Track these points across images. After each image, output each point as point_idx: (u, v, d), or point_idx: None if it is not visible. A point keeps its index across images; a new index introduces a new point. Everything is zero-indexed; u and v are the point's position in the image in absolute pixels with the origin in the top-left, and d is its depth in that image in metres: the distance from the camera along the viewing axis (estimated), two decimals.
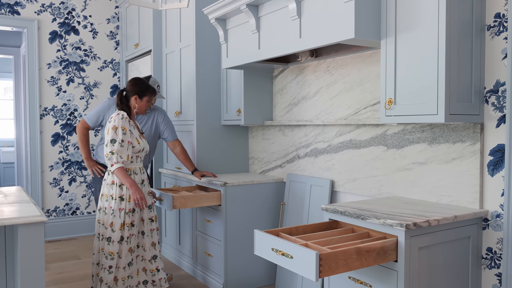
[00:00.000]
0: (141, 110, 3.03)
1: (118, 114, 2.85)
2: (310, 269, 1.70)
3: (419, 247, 1.92)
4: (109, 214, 2.84)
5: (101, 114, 3.38)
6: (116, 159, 2.78)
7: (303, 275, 1.75)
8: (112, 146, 2.78)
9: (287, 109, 3.45)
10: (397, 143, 2.55)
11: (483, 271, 2.16)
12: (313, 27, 2.46)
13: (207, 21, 3.66)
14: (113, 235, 2.81)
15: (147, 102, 3.03)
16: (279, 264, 1.89)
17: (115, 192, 2.83)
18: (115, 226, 2.81)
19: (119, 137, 2.79)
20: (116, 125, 2.81)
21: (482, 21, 2.12)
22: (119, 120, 2.83)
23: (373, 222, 1.99)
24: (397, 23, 2.16)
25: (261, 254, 2.00)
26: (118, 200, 2.82)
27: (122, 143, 2.79)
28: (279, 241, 1.88)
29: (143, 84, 3.02)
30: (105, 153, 2.82)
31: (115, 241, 2.80)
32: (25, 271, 2.03)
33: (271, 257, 1.94)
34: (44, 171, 4.90)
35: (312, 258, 1.68)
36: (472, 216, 2.08)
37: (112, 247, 2.80)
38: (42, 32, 4.85)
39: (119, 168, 2.78)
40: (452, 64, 1.98)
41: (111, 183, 2.86)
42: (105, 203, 2.88)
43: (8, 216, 2.05)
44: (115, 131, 2.80)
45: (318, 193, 3.07)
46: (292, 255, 1.80)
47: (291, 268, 1.82)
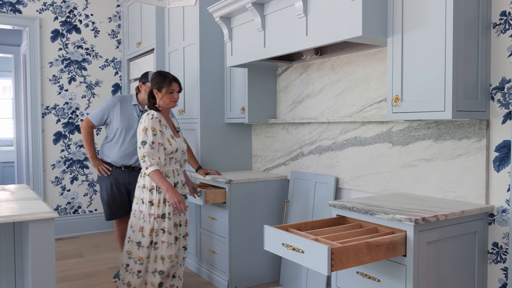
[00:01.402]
0: (164, 104, 2.84)
1: (148, 114, 2.76)
2: (322, 263, 1.72)
3: (427, 241, 1.95)
4: (138, 218, 2.78)
5: (106, 112, 3.38)
6: (150, 162, 2.68)
7: (315, 269, 1.77)
8: (143, 148, 2.69)
9: (291, 107, 3.47)
10: (403, 140, 2.58)
11: (489, 265, 2.19)
12: (319, 25, 2.48)
13: (211, 20, 3.67)
14: (143, 240, 2.75)
15: (168, 93, 2.83)
16: (290, 258, 1.91)
17: (145, 196, 2.77)
18: (145, 231, 2.75)
19: (149, 138, 2.69)
20: (146, 126, 2.71)
21: (488, 18, 2.14)
22: (149, 120, 2.73)
23: (381, 217, 2.01)
24: (404, 20, 2.19)
25: (271, 249, 2.02)
26: (148, 204, 2.76)
27: (153, 145, 2.69)
28: (289, 236, 1.90)
29: (159, 76, 2.86)
30: (139, 155, 2.74)
31: (145, 246, 2.75)
32: (36, 267, 2.04)
33: (281, 252, 1.96)
34: (46, 170, 4.91)
35: (324, 253, 1.71)
36: (479, 212, 2.11)
37: (141, 252, 2.75)
38: (44, 31, 4.85)
39: (154, 171, 2.68)
40: (459, 61, 2.01)
41: (142, 186, 2.80)
42: (135, 205, 2.84)
43: (18, 213, 2.06)
44: (145, 133, 2.71)
45: (323, 190, 3.09)
46: (303, 249, 1.82)
47: (302, 263, 1.84)
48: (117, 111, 3.37)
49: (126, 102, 3.42)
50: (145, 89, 3.37)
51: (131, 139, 3.38)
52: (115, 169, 3.42)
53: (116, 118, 3.37)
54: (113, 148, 3.40)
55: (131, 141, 3.38)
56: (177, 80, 2.89)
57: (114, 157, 3.40)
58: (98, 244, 4.68)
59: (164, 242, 2.76)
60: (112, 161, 3.42)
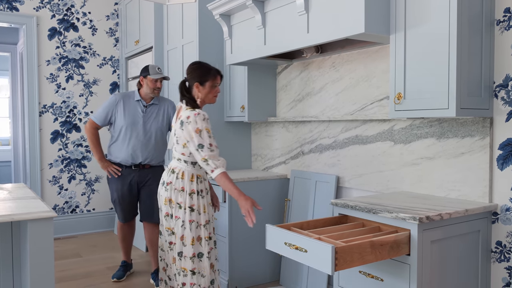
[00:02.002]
0: (207, 99, 2.57)
1: (198, 114, 2.41)
2: (326, 262, 1.70)
3: (431, 240, 1.93)
4: (178, 225, 2.48)
5: (109, 111, 3.32)
6: (214, 164, 2.38)
7: (318, 269, 1.74)
8: (203, 152, 2.38)
9: (291, 106, 3.45)
10: (405, 138, 2.56)
11: (492, 264, 2.17)
12: (321, 22, 2.46)
13: (210, 17, 3.64)
14: (184, 249, 2.48)
15: (211, 88, 2.55)
16: (292, 258, 1.88)
17: (184, 201, 2.47)
18: (186, 239, 2.47)
19: (206, 141, 2.39)
20: (200, 127, 2.39)
21: (492, 15, 2.13)
22: (201, 121, 2.41)
23: (385, 216, 1.99)
24: (406, 17, 2.17)
25: (273, 249, 2.00)
26: (188, 210, 2.46)
27: (211, 147, 2.39)
28: (292, 235, 1.88)
29: (202, 67, 2.57)
30: (200, 158, 2.40)
31: (187, 256, 2.47)
32: (34, 268, 2.01)
33: (283, 251, 1.93)
34: (44, 169, 4.87)
35: (328, 252, 1.68)
36: (482, 210, 2.09)
37: (184, 263, 2.48)
38: (41, 29, 4.81)
39: (222, 173, 2.37)
40: (463, 58, 1.99)
41: (180, 189, 2.48)
42: (170, 209, 2.52)
43: (16, 212, 2.03)
44: (199, 135, 2.39)
45: (324, 189, 3.07)
46: (306, 249, 1.80)
47: (305, 262, 1.81)
48: (120, 108, 3.31)
49: (128, 99, 3.37)
50: (146, 83, 3.32)
51: (138, 136, 3.30)
52: (125, 169, 3.34)
53: (120, 115, 3.31)
54: (121, 147, 3.32)
55: (138, 138, 3.30)
56: (220, 72, 2.62)
57: (123, 157, 3.32)
58: (96, 243, 4.65)
59: (212, 249, 2.54)
60: (122, 161, 3.33)
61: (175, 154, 2.53)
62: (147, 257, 4.18)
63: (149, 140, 3.34)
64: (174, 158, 2.55)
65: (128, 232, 3.58)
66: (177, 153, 2.52)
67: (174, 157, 2.55)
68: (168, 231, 2.56)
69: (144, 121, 3.33)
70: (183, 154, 2.49)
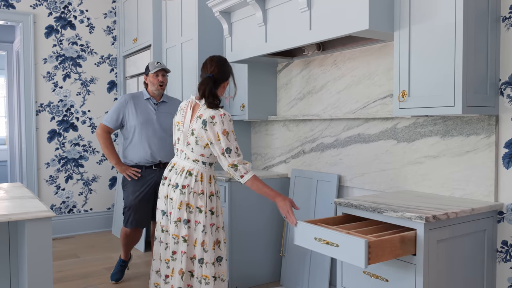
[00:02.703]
0: None
1: (224, 115, 2.30)
2: (359, 256, 1.74)
3: (438, 240, 1.90)
4: (192, 229, 2.35)
5: (120, 112, 3.22)
6: (244, 169, 2.29)
7: (350, 262, 1.80)
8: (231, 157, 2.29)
9: (291, 104, 3.41)
10: (408, 137, 2.53)
11: (498, 264, 2.15)
12: (324, 19, 2.42)
13: (210, 15, 3.61)
14: (205, 255, 2.34)
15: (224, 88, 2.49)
16: (323, 252, 1.94)
17: (204, 204, 2.35)
18: (207, 244, 2.34)
19: (233, 144, 2.30)
20: (227, 129, 2.29)
21: (498, 12, 2.10)
22: (228, 122, 2.30)
23: (390, 215, 1.96)
24: (411, 14, 2.14)
25: (303, 244, 2.06)
26: (209, 214, 2.36)
27: (238, 151, 2.31)
28: (323, 230, 1.93)
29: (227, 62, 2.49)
30: (227, 164, 2.29)
31: (209, 262, 2.34)
32: (33, 268, 1.97)
33: (313, 246, 1.99)
34: (40, 169, 4.81)
35: (362, 246, 1.73)
36: (488, 209, 2.06)
37: (206, 270, 2.34)
38: (38, 27, 4.75)
39: (253, 177, 2.29)
40: (469, 55, 1.96)
41: (200, 192, 2.36)
42: (189, 214, 2.35)
43: (14, 212, 1.99)
44: (227, 137, 2.28)
45: (325, 188, 3.03)
46: (338, 243, 1.85)
47: (336, 256, 1.87)
48: (131, 108, 3.23)
49: (138, 98, 3.31)
50: (150, 81, 3.27)
51: (155, 132, 3.22)
52: (145, 169, 3.24)
53: (132, 115, 3.23)
54: (138, 147, 3.22)
55: (155, 134, 3.22)
56: None
57: (141, 157, 3.22)
58: (94, 244, 4.60)
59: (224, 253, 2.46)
60: (140, 162, 3.22)
61: (192, 154, 2.37)
62: (146, 257, 4.14)
63: (165, 136, 3.26)
64: (188, 159, 2.39)
65: (135, 238, 3.44)
66: (195, 154, 2.37)
67: (187, 158, 2.39)
68: (175, 239, 2.38)
69: (158, 117, 3.27)
70: (202, 155, 2.37)
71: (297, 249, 3.21)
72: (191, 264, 2.37)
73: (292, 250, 3.27)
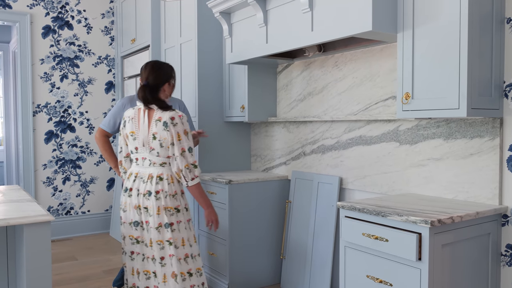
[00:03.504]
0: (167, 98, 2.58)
1: (182, 116, 2.37)
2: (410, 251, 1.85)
3: (442, 244, 1.88)
4: (177, 231, 2.38)
5: (117, 116, 3.13)
6: (197, 172, 2.39)
7: (401, 256, 1.89)
8: (192, 157, 2.36)
9: (292, 105, 3.38)
10: (411, 139, 2.51)
11: (502, 268, 2.13)
12: (326, 20, 2.40)
13: (210, 15, 3.58)
14: (192, 250, 2.43)
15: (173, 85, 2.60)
16: (371, 247, 2.03)
17: (180, 203, 2.42)
18: (189, 239, 2.43)
19: (192, 144, 2.39)
20: (186, 129, 2.37)
21: (502, 13, 2.08)
22: (186, 123, 2.38)
23: (394, 219, 1.94)
24: (415, 15, 2.11)
25: (350, 239, 2.16)
26: (184, 211, 2.44)
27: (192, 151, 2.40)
28: (371, 226, 2.03)
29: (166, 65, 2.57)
30: (185, 164, 2.34)
31: (196, 255, 2.44)
32: (31, 273, 1.93)
33: (361, 241, 2.09)
34: (37, 170, 4.77)
35: (413, 241, 1.84)
36: (493, 213, 2.04)
37: (198, 263, 2.45)
38: (35, 27, 4.71)
39: (199, 183, 2.41)
40: (474, 57, 1.94)
41: (174, 193, 2.39)
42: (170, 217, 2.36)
43: (12, 216, 1.95)
44: (187, 137, 2.36)
45: (326, 190, 3.01)
46: (387, 238, 1.95)
47: (386, 251, 1.96)
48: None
49: (135, 101, 3.24)
50: None
51: None
52: None
53: None
54: None
55: None
56: None
57: None
58: (92, 246, 4.56)
59: None
60: None
61: (158, 159, 2.36)
62: None
63: None
64: (155, 164, 2.37)
65: None
66: (161, 157, 2.37)
67: (153, 163, 2.37)
68: (160, 245, 2.36)
69: None
70: (168, 157, 2.38)
71: (297, 251, 3.19)
72: (185, 264, 2.38)
73: (292, 252, 3.24)
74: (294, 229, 3.25)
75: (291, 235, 3.27)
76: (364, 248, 2.10)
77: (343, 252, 2.22)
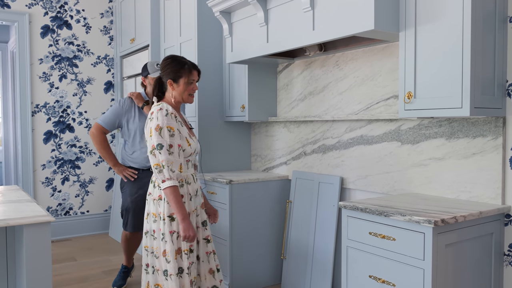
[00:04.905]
0: (181, 97, 2.31)
1: (161, 109, 2.20)
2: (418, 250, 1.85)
3: (446, 244, 1.87)
4: (158, 239, 2.23)
5: (118, 115, 3.12)
6: (168, 174, 2.14)
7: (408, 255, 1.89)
8: (160, 155, 2.14)
9: (292, 105, 3.37)
10: (412, 139, 2.50)
11: (505, 268, 2.12)
12: (327, 19, 2.39)
13: (210, 14, 3.56)
14: (168, 266, 2.19)
15: (186, 85, 2.31)
16: (378, 246, 2.01)
17: (163, 210, 2.21)
18: (168, 254, 2.19)
19: (166, 140, 2.16)
20: (160, 124, 2.17)
21: (505, 12, 2.07)
22: (163, 117, 2.18)
23: (397, 219, 1.92)
24: (417, 14, 2.10)
25: (356, 238, 2.14)
26: (167, 220, 2.20)
27: (171, 149, 2.16)
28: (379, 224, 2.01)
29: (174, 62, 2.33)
30: (152, 163, 2.17)
31: (173, 274, 2.18)
32: (31, 274, 1.92)
33: (367, 240, 2.07)
34: (36, 170, 4.74)
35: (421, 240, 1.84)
36: (496, 212, 2.03)
37: (171, 283, 2.19)
38: (34, 26, 4.69)
39: (172, 187, 2.14)
40: (477, 56, 1.93)
41: (158, 198, 2.24)
42: (152, 224, 2.26)
43: (12, 216, 1.93)
44: (159, 133, 2.16)
45: (327, 190, 3.00)
46: (394, 237, 1.94)
47: (393, 250, 1.95)
48: (130, 111, 3.14)
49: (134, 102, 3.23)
50: (149, 83, 3.17)
51: None
52: (142, 172, 3.16)
53: (131, 118, 3.13)
54: (137, 151, 3.14)
55: None
56: (196, 67, 2.36)
57: (140, 161, 3.14)
58: (91, 246, 4.54)
59: (192, 263, 2.26)
60: (139, 165, 3.15)
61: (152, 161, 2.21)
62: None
63: None
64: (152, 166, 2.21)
65: (135, 243, 3.36)
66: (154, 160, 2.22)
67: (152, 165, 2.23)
68: (146, 251, 2.32)
69: None
70: None
71: (298, 252, 3.18)
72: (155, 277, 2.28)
73: (293, 253, 3.23)
74: (294, 229, 3.23)
75: (291, 235, 3.26)
76: (368, 247, 2.08)
77: (345, 252, 2.21)
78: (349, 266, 2.20)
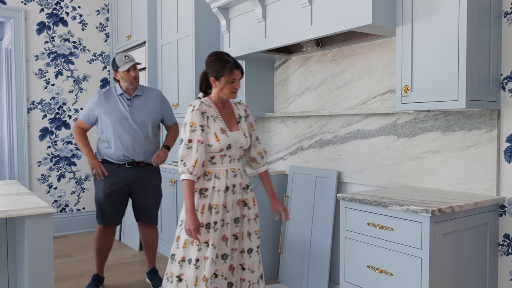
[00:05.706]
0: (224, 95, 2.34)
1: (190, 106, 2.31)
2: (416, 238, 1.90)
3: (443, 233, 1.91)
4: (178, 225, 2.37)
5: (93, 109, 3.11)
6: (181, 168, 2.23)
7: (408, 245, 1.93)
8: (179, 149, 2.26)
9: (289, 101, 3.40)
10: (409, 132, 2.54)
11: (499, 257, 2.16)
12: (325, 14, 2.42)
13: (207, 10, 3.58)
14: (177, 252, 2.31)
15: (228, 83, 2.32)
16: (377, 237, 2.06)
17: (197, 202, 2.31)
18: (180, 241, 2.31)
19: (186, 136, 2.24)
20: (185, 120, 2.27)
21: (500, 7, 2.11)
22: (188, 113, 2.27)
23: (395, 209, 1.96)
24: (414, 9, 2.14)
25: (354, 229, 2.19)
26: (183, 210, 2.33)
27: (189, 143, 2.22)
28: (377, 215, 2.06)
29: (217, 60, 2.34)
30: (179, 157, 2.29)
31: (177, 260, 2.29)
32: (33, 266, 1.93)
33: (365, 231, 2.12)
34: (32, 167, 4.73)
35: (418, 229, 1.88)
36: (491, 203, 2.08)
37: (173, 267, 2.30)
38: (29, 23, 4.68)
39: (184, 180, 2.21)
40: (473, 50, 1.97)
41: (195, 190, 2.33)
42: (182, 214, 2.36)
43: (13, 208, 1.94)
44: (184, 128, 2.27)
45: (324, 184, 3.03)
46: (392, 227, 1.99)
47: (392, 240, 2.00)
48: (104, 105, 3.11)
49: (110, 94, 3.16)
50: (121, 77, 3.10)
51: (128, 131, 3.08)
52: (118, 167, 3.12)
53: (104, 113, 3.10)
54: (112, 145, 3.10)
55: (128, 133, 3.08)
56: (239, 66, 2.35)
57: (116, 155, 3.11)
58: (87, 243, 4.54)
59: (207, 258, 2.24)
60: (114, 159, 3.12)
61: None
62: (140, 256, 4.09)
63: (140, 134, 3.11)
64: None
65: (108, 240, 3.26)
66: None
67: None
68: None
69: (132, 114, 3.11)
70: None
71: (295, 246, 3.21)
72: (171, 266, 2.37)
73: (290, 247, 3.26)
74: (292, 224, 3.27)
75: (289, 230, 3.29)
76: (366, 238, 2.12)
77: (343, 243, 2.25)
78: (347, 257, 2.23)
